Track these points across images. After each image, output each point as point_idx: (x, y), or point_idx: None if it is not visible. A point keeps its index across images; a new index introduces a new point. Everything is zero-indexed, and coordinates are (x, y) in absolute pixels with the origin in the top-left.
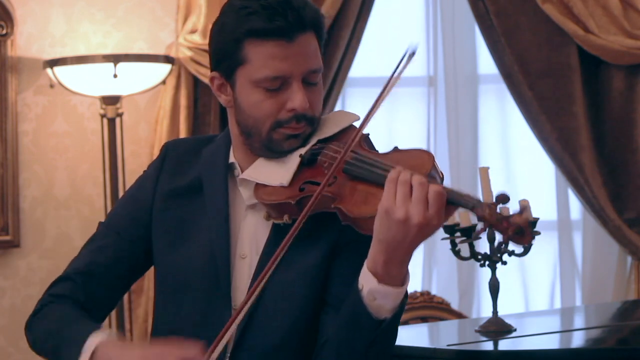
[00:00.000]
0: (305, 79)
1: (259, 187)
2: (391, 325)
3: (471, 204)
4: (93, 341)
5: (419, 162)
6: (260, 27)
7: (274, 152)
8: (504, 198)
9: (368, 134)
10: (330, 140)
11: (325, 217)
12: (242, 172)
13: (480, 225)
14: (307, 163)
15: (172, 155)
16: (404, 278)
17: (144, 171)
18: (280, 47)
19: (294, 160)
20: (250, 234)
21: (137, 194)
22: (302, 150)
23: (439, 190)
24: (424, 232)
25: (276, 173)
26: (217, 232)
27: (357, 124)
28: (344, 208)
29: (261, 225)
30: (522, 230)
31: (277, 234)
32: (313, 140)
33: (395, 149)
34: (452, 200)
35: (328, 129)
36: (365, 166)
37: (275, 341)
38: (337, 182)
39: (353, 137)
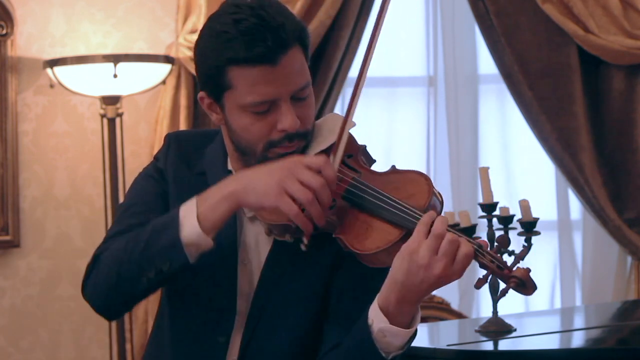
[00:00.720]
0: (293, 96)
1: None
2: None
3: (487, 261)
4: (187, 207)
5: (417, 189)
6: (240, 56)
7: None
8: (503, 241)
9: (365, 146)
10: (329, 150)
11: (327, 237)
12: None
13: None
14: None
15: (174, 147)
16: (414, 316)
17: (151, 162)
18: (264, 72)
19: None
20: (253, 242)
21: (153, 174)
22: None
23: (469, 252)
24: (441, 282)
25: None
26: (224, 233)
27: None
28: (346, 240)
29: (263, 236)
30: (523, 283)
31: (280, 245)
32: (311, 154)
33: (393, 168)
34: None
35: (324, 138)
36: (366, 196)
37: (281, 352)
38: (336, 207)
39: (340, 133)
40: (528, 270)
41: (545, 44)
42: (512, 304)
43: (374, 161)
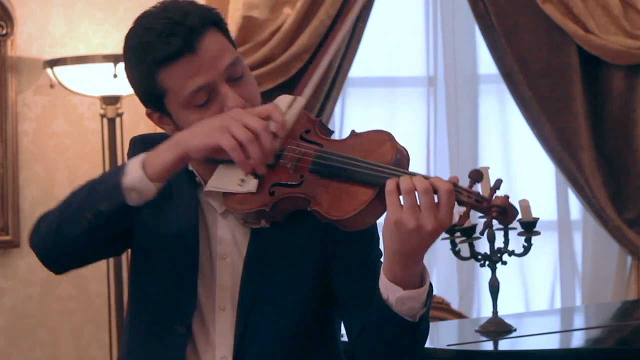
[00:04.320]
0: (228, 77)
1: (227, 195)
2: (426, 316)
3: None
4: (135, 159)
5: (381, 146)
6: (161, 56)
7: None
8: (477, 175)
9: (320, 119)
10: None
11: (306, 216)
12: (204, 181)
13: (461, 209)
14: (269, 165)
15: (139, 147)
16: (422, 273)
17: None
18: (187, 62)
19: None
20: (229, 235)
21: None
22: None
23: (448, 188)
24: (437, 233)
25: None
26: (186, 231)
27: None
28: (321, 210)
29: (239, 229)
30: (505, 211)
31: (258, 235)
32: None
33: (353, 132)
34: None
35: None
36: (332, 163)
37: (277, 345)
38: (306, 182)
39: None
40: (507, 197)
41: (545, 44)
42: (512, 304)
43: (332, 132)
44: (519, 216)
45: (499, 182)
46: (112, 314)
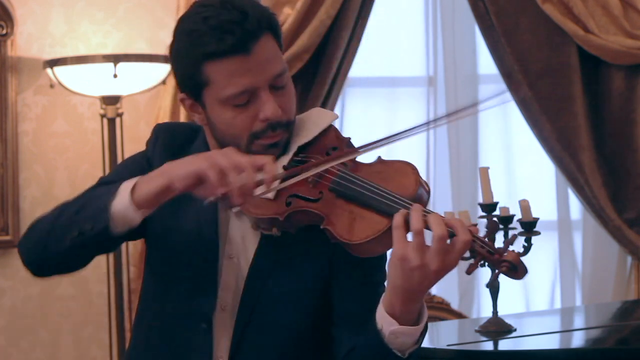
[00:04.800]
0: (272, 85)
1: None
2: (416, 353)
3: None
4: (129, 182)
5: (404, 178)
6: (213, 50)
7: None
8: (494, 226)
9: (349, 138)
10: (311, 145)
11: (316, 230)
12: None
13: (471, 260)
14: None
15: (162, 138)
16: (420, 312)
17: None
18: (238, 62)
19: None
20: (239, 237)
21: (139, 160)
22: (285, 160)
23: (467, 240)
24: (441, 275)
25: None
26: (205, 228)
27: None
28: (334, 231)
29: (249, 231)
30: (515, 267)
31: (268, 240)
32: (293, 148)
33: (379, 159)
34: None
35: (307, 132)
36: (353, 186)
37: (273, 354)
38: (323, 199)
39: (335, 138)
40: (519, 254)
41: (545, 44)
42: (512, 304)
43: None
44: (519, 216)
45: (513, 238)
46: (112, 314)
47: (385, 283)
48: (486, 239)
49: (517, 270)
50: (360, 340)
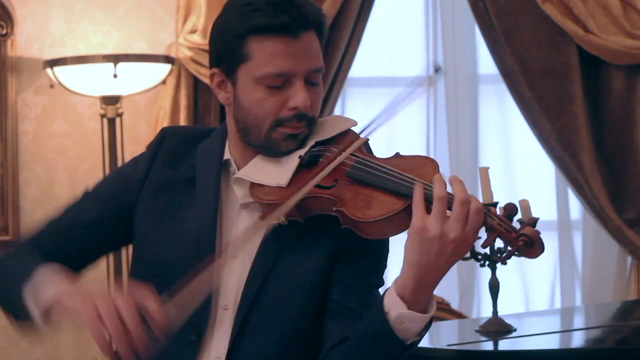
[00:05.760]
0: (307, 78)
1: (255, 185)
2: (415, 345)
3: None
4: (61, 274)
5: (423, 169)
6: (264, 24)
7: (271, 152)
8: (512, 208)
9: (368, 140)
10: (328, 142)
11: (324, 222)
12: (238, 169)
13: (486, 235)
14: (305, 165)
15: (168, 141)
16: (430, 302)
17: (142, 153)
18: (284, 43)
19: (292, 161)
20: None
21: (128, 172)
22: (301, 152)
23: (479, 207)
24: (458, 250)
25: (274, 173)
26: (203, 227)
27: (355, 129)
28: (347, 211)
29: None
30: (532, 242)
31: (271, 238)
32: (311, 142)
33: (397, 154)
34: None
35: (326, 132)
36: (369, 169)
37: (271, 349)
38: (338, 185)
39: (354, 140)
40: (538, 231)
41: (545, 44)
42: (512, 304)
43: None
44: (519, 216)
45: (533, 219)
46: None
47: (386, 282)
48: (504, 218)
49: (534, 246)
50: (358, 329)
